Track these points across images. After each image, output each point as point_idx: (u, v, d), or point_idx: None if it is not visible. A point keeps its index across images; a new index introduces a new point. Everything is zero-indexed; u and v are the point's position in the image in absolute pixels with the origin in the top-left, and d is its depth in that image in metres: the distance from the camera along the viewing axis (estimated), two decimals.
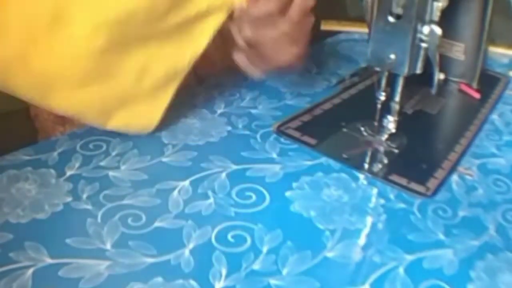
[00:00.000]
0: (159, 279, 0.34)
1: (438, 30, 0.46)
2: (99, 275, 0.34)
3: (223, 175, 0.46)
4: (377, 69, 0.50)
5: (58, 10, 0.42)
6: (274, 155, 0.49)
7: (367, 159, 0.50)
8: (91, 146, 0.49)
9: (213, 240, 0.38)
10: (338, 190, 0.45)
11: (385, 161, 0.50)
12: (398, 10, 0.45)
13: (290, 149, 0.51)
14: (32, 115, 0.62)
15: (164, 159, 0.47)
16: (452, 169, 0.49)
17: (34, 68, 0.42)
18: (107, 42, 0.43)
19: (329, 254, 0.38)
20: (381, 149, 0.51)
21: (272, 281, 0.35)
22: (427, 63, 0.48)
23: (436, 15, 0.46)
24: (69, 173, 0.44)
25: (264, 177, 0.46)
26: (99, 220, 0.39)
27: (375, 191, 0.45)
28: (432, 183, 0.46)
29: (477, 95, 0.65)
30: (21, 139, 0.46)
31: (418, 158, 0.50)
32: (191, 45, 0.49)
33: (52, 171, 0.44)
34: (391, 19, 0.46)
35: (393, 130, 0.52)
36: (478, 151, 0.53)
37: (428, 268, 0.37)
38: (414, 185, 0.46)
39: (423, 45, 0.47)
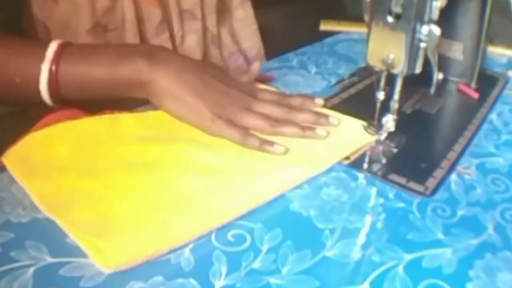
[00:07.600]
0: (159, 278, 0.34)
1: (437, 30, 0.46)
2: (100, 274, 0.34)
3: None
4: (376, 69, 0.50)
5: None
6: None
7: (366, 159, 0.50)
8: None
9: (213, 239, 0.38)
10: (337, 189, 0.45)
11: (384, 160, 0.50)
12: (397, 10, 0.45)
13: None
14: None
15: None
16: (451, 169, 0.49)
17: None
18: None
19: (329, 253, 0.38)
20: (380, 148, 0.51)
21: (272, 280, 0.35)
22: (426, 63, 0.49)
23: (435, 15, 0.46)
24: None
25: None
26: None
27: (374, 190, 0.45)
28: (431, 183, 0.47)
29: (475, 95, 0.65)
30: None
31: (417, 158, 0.50)
32: None
33: None
34: (390, 19, 0.46)
35: (392, 130, 0.52)
36: (477, 150, 0.53)
37: (427, 267, 0.37)
38: (413, 185, 0.46)
39: (422, 45, 0.47)
